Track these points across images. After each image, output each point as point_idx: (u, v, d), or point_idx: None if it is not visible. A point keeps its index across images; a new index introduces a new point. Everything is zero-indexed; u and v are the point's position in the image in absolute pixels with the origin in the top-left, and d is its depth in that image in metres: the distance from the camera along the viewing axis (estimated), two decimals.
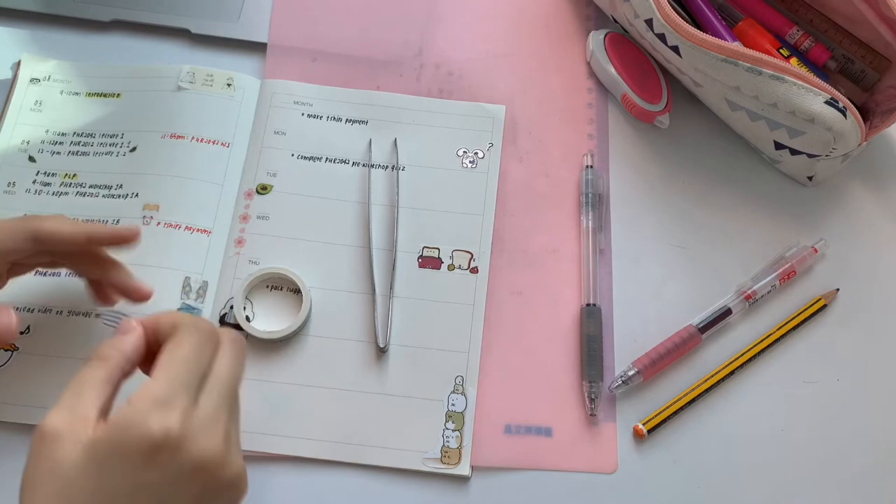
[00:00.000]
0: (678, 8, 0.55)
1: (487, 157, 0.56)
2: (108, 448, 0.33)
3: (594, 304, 0.51)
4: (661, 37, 0.52)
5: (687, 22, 0.51)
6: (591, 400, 0.48)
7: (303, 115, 0.56)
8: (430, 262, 0.52)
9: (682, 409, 0.48)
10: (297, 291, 0.50)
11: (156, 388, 0.34)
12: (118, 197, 0.53)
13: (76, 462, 0.32)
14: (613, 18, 0.58)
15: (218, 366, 0.37)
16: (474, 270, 0.52)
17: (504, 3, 0.62)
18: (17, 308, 0.49)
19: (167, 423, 0.33)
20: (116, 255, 0.46)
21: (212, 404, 0.35)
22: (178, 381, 0.35)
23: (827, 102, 0.48)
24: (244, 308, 0.50)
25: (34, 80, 0.57)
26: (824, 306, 0.52)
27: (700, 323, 0.50)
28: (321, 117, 0.56)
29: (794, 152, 0.52)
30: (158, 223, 0.52)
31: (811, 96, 0.48)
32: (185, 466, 0.33)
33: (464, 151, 0.56)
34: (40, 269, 0.50)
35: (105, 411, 0.35)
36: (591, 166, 0.55)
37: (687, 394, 0.49)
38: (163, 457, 0.33)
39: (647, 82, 0.57)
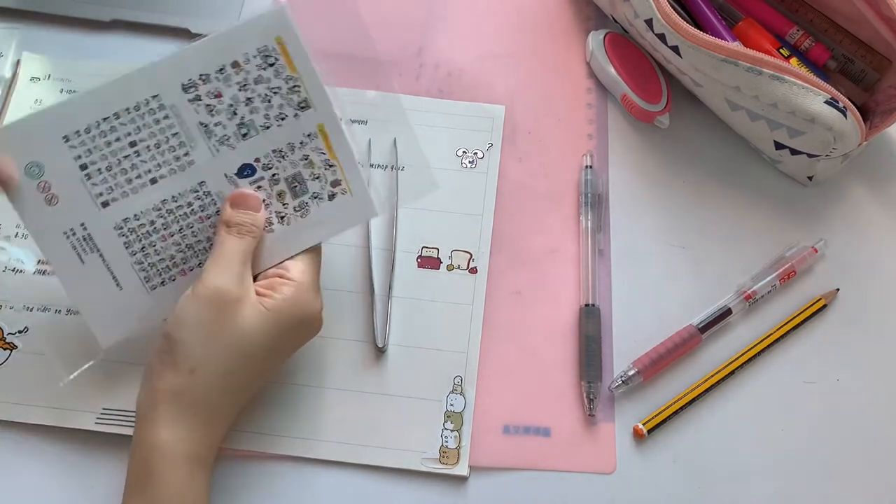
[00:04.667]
0: (678, 8, 0.55)
1: (487, 158, 0.56)
2: (280, 316, 0.42)
3: (593, 305, 0.51)
4: (661, 37, 0.52)
5: (687, 22, 0.51)
6: (590, 400, 0.48)
7: None
8: (429, 261, 0.52)
9: (682, 409, 0.48)
10: None
11: (309, 278, 0.44)
12: None
13: (255, 323, 0.42)
14: (613, 18, 0.58)
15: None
16: (473, 270, 0.52)
17: (504, 3, 0.62)
18: (17, 307, 0.50)
19: (319, 304, 0.45)
20: None
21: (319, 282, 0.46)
22: (316, 271, 0.45)
23: (827, 102, 0.48)
24: None
25: (34, 79, 0.57)
26: (824, 306, 0.52)
27: (700, 323, 0.50)
28: None
29: (794, 152, 0.52)
30: None
31: (811, 96, 0.48)
32: (316, 327, 0.45)
33: (463, 151, 0.56)
34: (40, 269, 0.51)
35: None
36: (591, 166, 0.55)
37: (687, 394, 0.49)
38: (314, 323, 0.45)
39: (646, 82, 0.57)
